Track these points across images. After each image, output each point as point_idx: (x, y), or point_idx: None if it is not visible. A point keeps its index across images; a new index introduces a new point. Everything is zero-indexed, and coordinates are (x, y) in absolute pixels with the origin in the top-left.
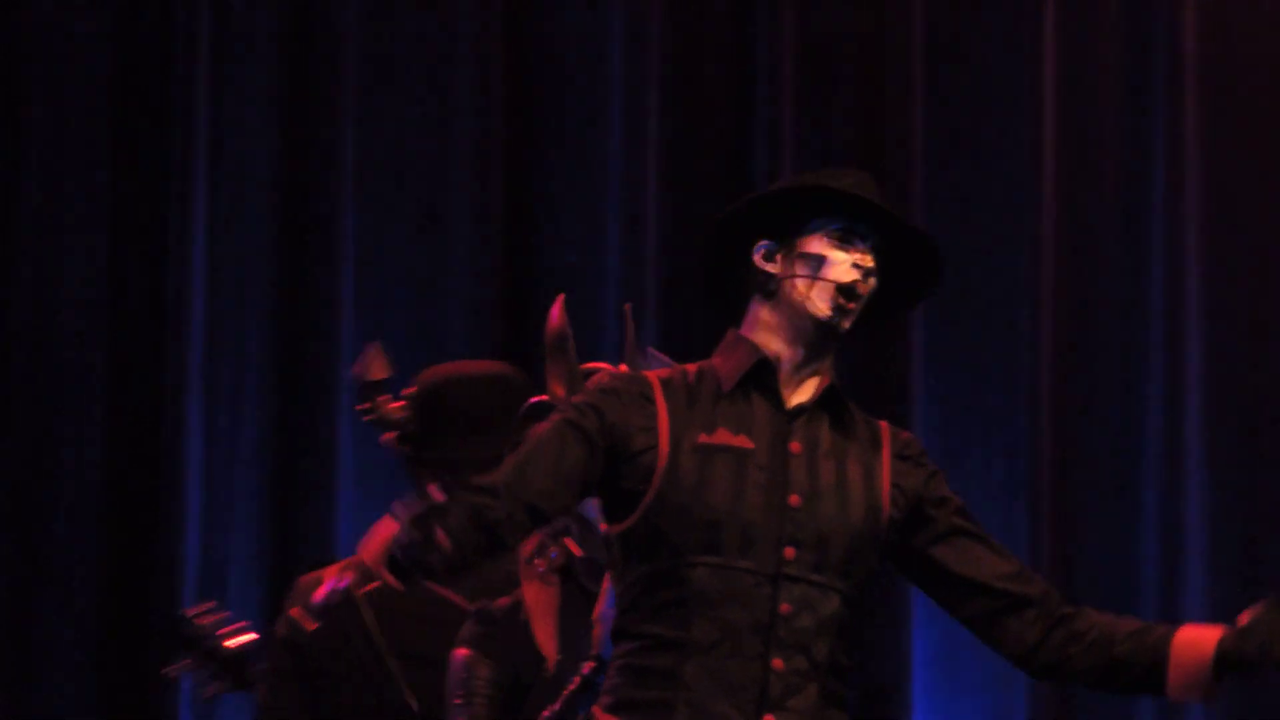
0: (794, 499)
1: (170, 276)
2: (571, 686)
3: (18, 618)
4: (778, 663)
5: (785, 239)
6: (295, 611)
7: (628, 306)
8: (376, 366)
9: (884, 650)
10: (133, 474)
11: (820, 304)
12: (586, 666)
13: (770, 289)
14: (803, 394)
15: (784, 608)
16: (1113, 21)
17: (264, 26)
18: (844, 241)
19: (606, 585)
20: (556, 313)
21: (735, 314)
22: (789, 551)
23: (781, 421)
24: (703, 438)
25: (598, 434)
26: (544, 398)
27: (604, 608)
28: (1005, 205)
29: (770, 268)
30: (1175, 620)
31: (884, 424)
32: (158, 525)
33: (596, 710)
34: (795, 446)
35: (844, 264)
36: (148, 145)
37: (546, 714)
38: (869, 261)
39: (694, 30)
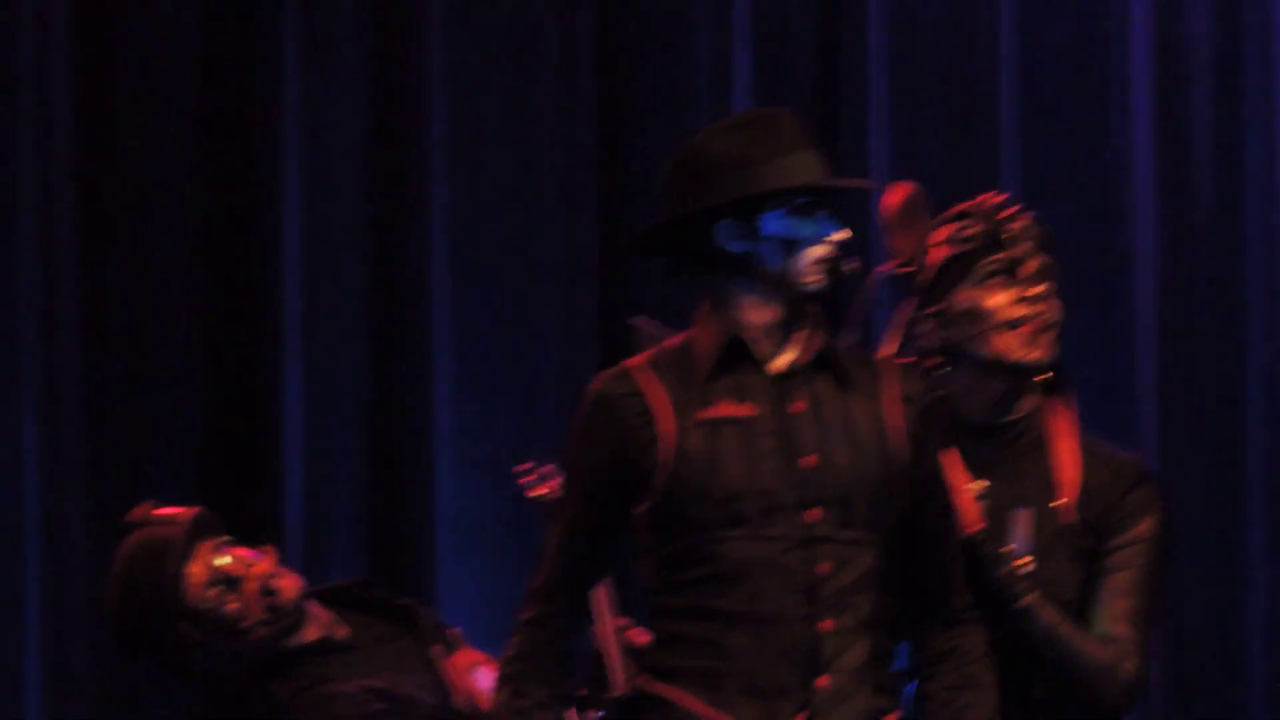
0: (808, 460)
1: (264, 240)
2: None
3: None
4: (827, 623)
5: (742, 216)
6: None
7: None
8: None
9: None
10: (233, 437)
11: (804, 276)
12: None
13: (738, 266)
14: (791, 355)
15: (822, 567)
16: None
17: None
18: (805, 214)
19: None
20: (902, 191)
21: (701, 286)
22: (814, 513)
23: (778, 384)
24: (704, 412)
25: (599, 489)
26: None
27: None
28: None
29: (735, 247)
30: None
31: (892, 362)
32: (260, 486)
33: (643, 680)
34: (798, 406)
35: (813, 237)
36: (237, 112)
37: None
38: (840, 234)
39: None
